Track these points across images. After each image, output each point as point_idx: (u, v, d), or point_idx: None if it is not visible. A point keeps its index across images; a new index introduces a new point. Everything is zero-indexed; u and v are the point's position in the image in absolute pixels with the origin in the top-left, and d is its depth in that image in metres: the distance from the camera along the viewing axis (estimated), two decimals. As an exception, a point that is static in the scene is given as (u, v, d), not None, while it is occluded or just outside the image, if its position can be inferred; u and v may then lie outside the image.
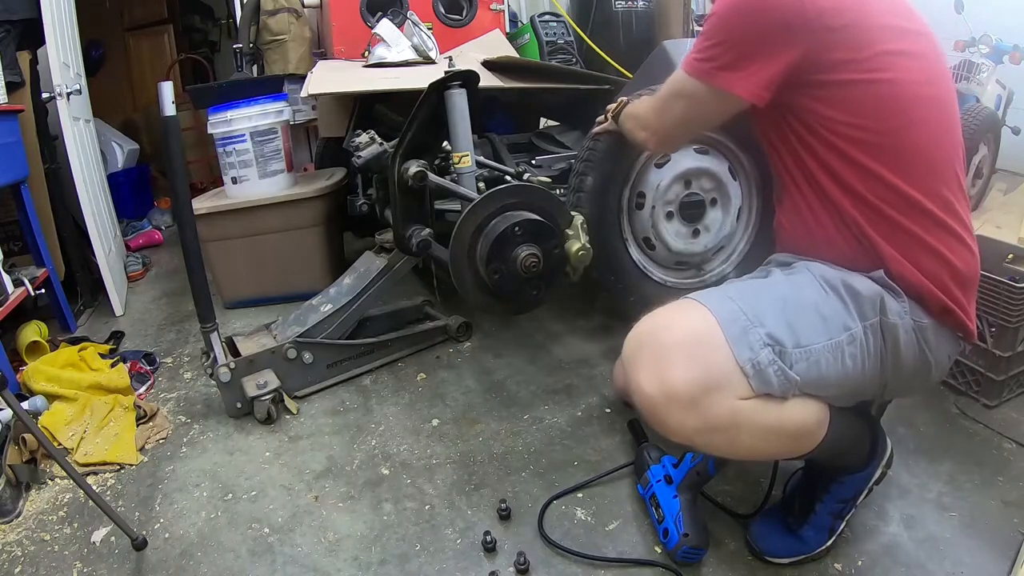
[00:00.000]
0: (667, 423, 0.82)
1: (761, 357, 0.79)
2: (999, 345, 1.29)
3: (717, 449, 0.87)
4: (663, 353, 0.81)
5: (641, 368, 0.82)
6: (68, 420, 1.44)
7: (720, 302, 0.84)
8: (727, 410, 0.79)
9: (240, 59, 3.00)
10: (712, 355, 0.79)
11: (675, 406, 0.79)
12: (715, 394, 0.79)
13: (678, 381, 0.79)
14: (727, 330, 0.80)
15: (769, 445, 0.85)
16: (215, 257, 2.06)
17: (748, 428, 0.81)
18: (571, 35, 3.08)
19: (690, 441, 0.83)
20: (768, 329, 0.80)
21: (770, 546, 0.98)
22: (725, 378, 0.79)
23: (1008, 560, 0.95)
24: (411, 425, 1.41)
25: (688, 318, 0.84)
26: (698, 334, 0.81)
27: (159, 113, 1.34)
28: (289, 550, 1.08)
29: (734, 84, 0.88)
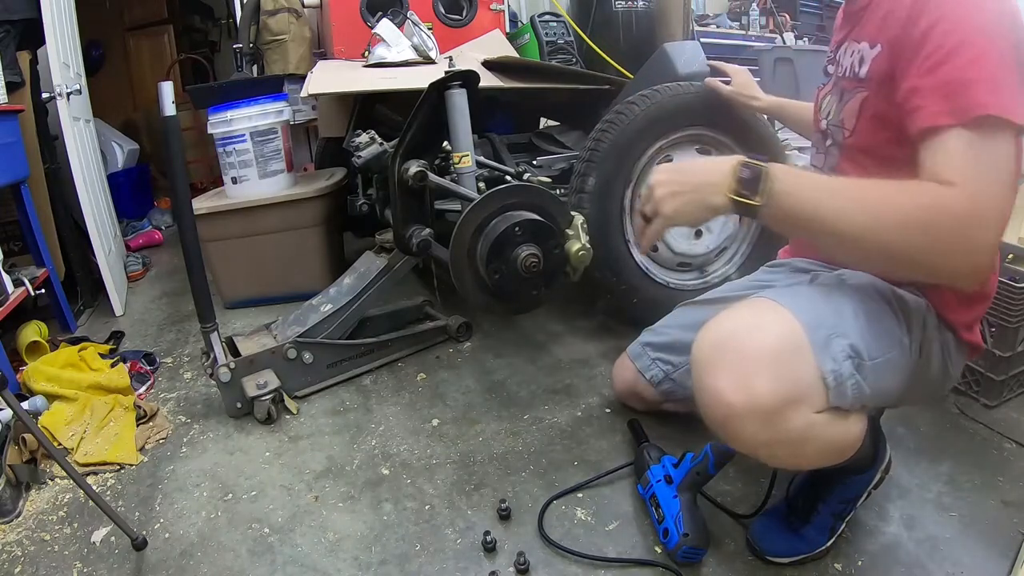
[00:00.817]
0: (739, 434, 0.76)
1: (843, 369, 0.76)
2: (999, 345, 1.29)
3: (778, 461, 0.82)
4: (750, 360, 0.74)
5: (722, 374, 0.75)
6: (68, 420, 1.44)
7: (801, 306, 0.78)
8: (802, 424, 0.75)
9: (240, 59, 3.00)
10: (799, 366, 0.75)
11: (754, 417, 0.74)
12: (795, 407, 0.74)
13: (764, 392, 0.73)
14: (813, 337, 0.75)
15: (824, 458, 0.82)
16: (215, 257, 2.06)
17: (815, 442, 0.77)
18: (571, 35, 3.08)
19: (754, 452, 0.78)
20: (851, 340, 0.77)
21: (771, 546, 0.98)
22: (808, 390, 0.74)
23: (1008, 560, 0.95)
24: (411, 425, 1.41)
25: (775, 322, 0.77)
26: (786, 341, 0.75)
27: (159, 113, 1.34)
28: (289, 550, 1.08)
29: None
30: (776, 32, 3.64)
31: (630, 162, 1.55)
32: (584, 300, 1.98)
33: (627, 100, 1.60)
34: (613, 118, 1.57)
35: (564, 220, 1.33)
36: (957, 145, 0.69)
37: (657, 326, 1.31)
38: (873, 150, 0.89)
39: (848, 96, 0.92)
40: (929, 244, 0.69)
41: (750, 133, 1.66)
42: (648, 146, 1.59)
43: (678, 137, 1.63)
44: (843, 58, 0.96)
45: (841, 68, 0.96)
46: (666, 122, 1.58)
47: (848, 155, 0.95)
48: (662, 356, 1.25)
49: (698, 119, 1.60)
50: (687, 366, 1.20)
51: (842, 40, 0.98)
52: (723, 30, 3.61)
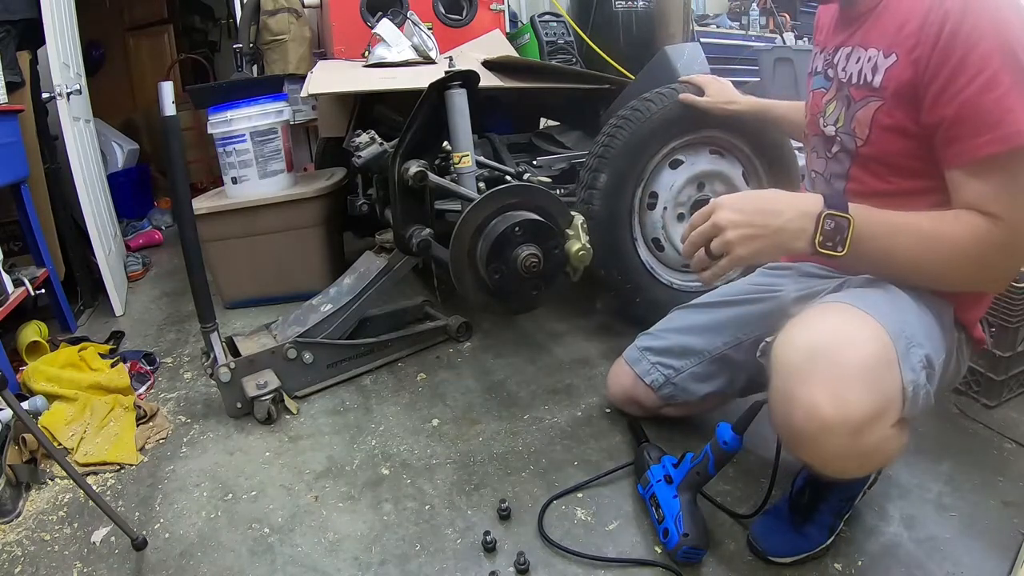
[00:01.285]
0: (824, 447, 0.73)
1: (920, 379, 0.75)
2: (999, 345, 1.29)
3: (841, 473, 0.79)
4: (846, 373, 0.71)
5: (818, 384, 0.72)
6: (68, 420, 1.44)
7: (883, 313, 0.76)
8: (879, 437, 0.73)
9: (240, 59, 3.00)
10: (889, 379, 0.73)
11: (843, 431, 0.71)
12: (879, 421, 0.72)
13: (859, 407, 0.70)
14: (897, 346, 0.74)
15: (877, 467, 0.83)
16: (215, 257, 2.06)
17: (882, 454, 0.76)
18: (571, 35, 3.08)
19: (826, 466, 0.76)
20: (926, 350, 0.77)
21: (773, 545, 0.98)
22: (891, 403, 0.73)
23: (1008, 560, 0.95)
24: (411, 425, 1.41)
25: (866, 332, 0.75)
26: (880, 354, 0.73)
27: (159, 113, 1.34)
28: (289, 550, 1.08)
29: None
30: (776, 32, 3.64)
31: (643, 161, 1.54)
32: (584, 300, 1.98)
33: (643, 97, 1.57)
34: (629, 115, 1.55)
35: (564, 220, 1.33)
36: (1000, 177, 0.74)
37: (654, 330, 1.29)
38: (889, 159, 0.89)
39: (858, 105, 0.91)
40: (977, 271, 0.79)
41: (764, 136, 1.67)
42: (662, 146, 1.58)
43: (692, 139, 1.63)
44: (846, 63, 0.95)
45: (846, 74, 0.95)
46: (681, 123, 1.57)
47: (861, 163, 0.94)
48: (662, 360, 1.23)
49: (712, 121, 1.58)
50: (689, 370, 1.20)
51: (841, 44, 0.97)
52: (723, 30, 3.61)
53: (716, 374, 1.19)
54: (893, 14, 0.85)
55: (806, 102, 1.11)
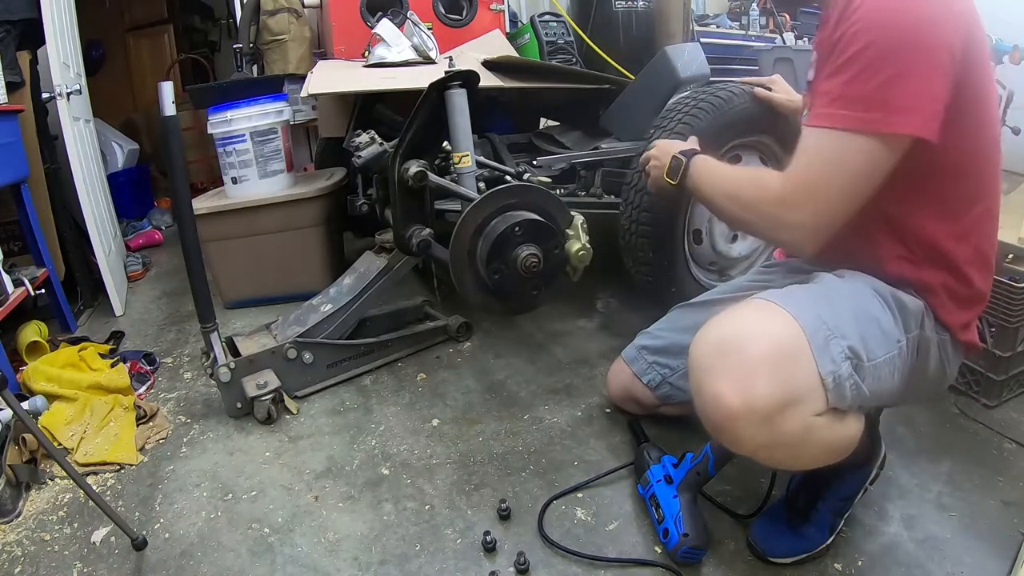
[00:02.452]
0: (738, 436, 0.77)
1: (842, 370, 0.76)
2: (999, 345, 1.29)
3: (776, 463, 0.83)
4: (749, 364, 0.75)
5: (722, 377, 0.76)
6: (68, 420, 1.44)
7: (800, 308, 0.79)
8: (800, 426, 0.76)
9: (240, 59, 3.00)
10: (799, 368, 0.76)
11: (753, 420, 0.75)
12: (793, 409, 0.75)
13: (763, 395, 0.74)
14: (812, 340, 0.76)
15: (822, 458, 0.83)
16: (215, 257, 2.06)
17: (814, 444, 0.78)
18: (571, 35, 3.08)
19: (752, 455, 0.80)
20: (849, 341, 0.78)
21: (773, 547, 0.98)
22: (807, 393, 0.76)
23: (1008, 560, 0.95)
24: (411, 425, 1.41)
25: (775, 326, 0.78)
26: (786, 345, 0.76)
27: (159, 113, 1.34)
28: (289, 550, 1.08)
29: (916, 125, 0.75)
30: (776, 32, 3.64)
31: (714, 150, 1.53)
32: (584, 300, 1.98)
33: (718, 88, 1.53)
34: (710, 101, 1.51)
35: (564, 220, 1.33)
36: (807, 142, 0.83)
37: (652, 329, 1.30)
38: None
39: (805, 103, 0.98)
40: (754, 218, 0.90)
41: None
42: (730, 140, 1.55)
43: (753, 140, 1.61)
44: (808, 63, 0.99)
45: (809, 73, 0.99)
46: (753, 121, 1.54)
47: None
48: (659, 360, 1.24)
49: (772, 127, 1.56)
50: (685, 369, 1.20)
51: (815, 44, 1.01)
52: (723, 30, 3.60)
53: None
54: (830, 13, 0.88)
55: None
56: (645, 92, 1.89)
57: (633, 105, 1.92)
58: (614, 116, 1.99)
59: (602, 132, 2.06)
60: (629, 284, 2.03)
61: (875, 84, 0.75)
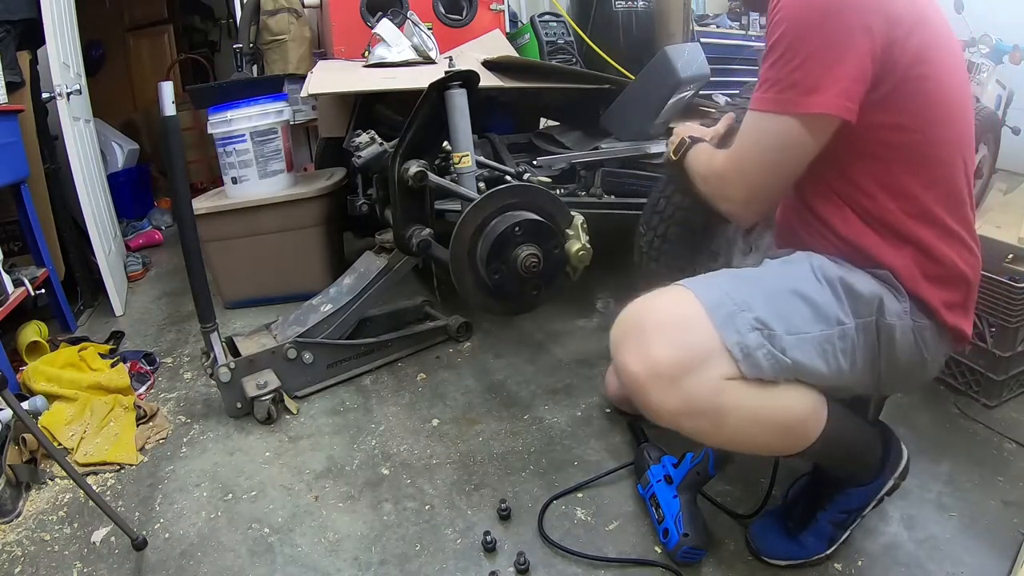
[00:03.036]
0: (651, 402, 0.81)
1: (749, 340, 0.78)
2: (999, 345, 1.29)
3: (704, 434, 0.85)
4: (646, 333, 0.81)
5: (626, 349, 0.83)
6: (68, 420, 1.44)
7: (707, 288, 0.84)
8: (709, 389, 0.78)
9: (240, 59, 3.00)
10: (696, 334, 0.79)
11: (658, 383, 0.79)
12: (698, 372, 0.78)
13: (661, 357, 0.78)
14: (714, 315, 0.80)
15: (758, 433, 0.83)
16: (215, 257, 2.06)
17: (734, 411, 0.80)
18: (571, 35, 3.08)
19: (676, 424, 0.82)
20: (756, 313, 0.80)
21: (767, 547, 0.98)
22: (709, 356, 0.78)
23: (1008, 560, 0.95)
24: (411, 425, 1.41)
25: (673, 301, 0.84)
26: (681, 316, 0.81)
27: (159, 113, 1.34)
28: (289, 550, 1.08)
29: (827, 104, 0.79)
30: (776, 32, 3.63)
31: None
32: (584, 300, 1.98)
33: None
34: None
35: (564, 220, 1.33)
36: (744, 126, 0.90)
37: None
38: None
39: None
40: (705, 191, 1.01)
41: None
42: None
43: None
44: None
45: None
46: None
47: None
48: None
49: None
50: None
51: None
52: (723, 30, 3.60)
53: None
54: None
55: None
56: (645, 92, 1.89)
57: (633, 105, 1.92)
58: (614, 116, 1.99)
59: (602, 132, 2.06)
60: (629, 284, 2.03)
61: (790, 67, 0.80)
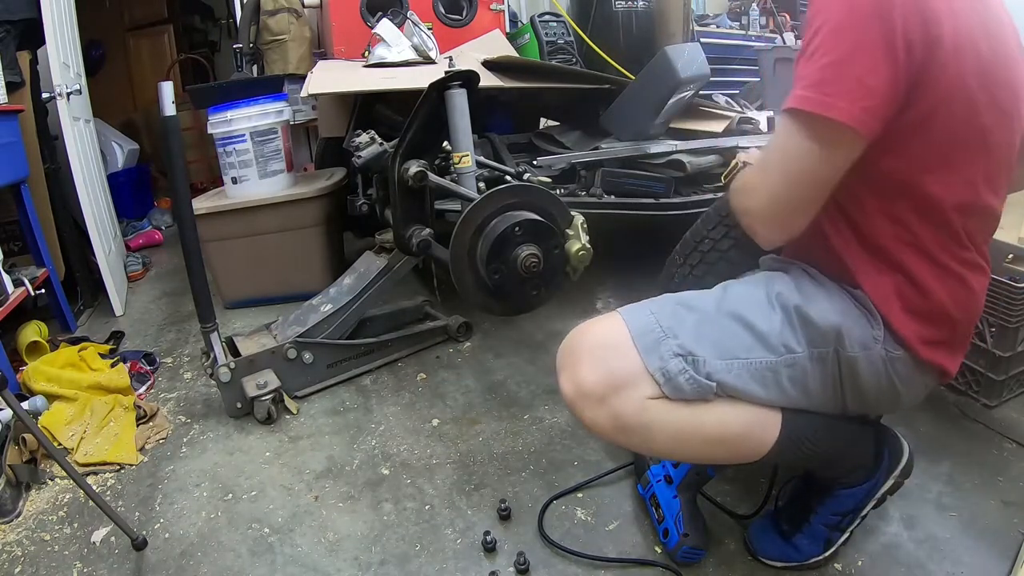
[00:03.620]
0: (584, 420, 0.85)
1: (671, 366, 0.81)
2: (999, 345, 1.29)
3: (637, 448, 0.90)
4: (577, 356, 0.86)
5: (562, 371, 0.87)
6: (68, 420, 1.44)
7: (637, 315, 0.88)
8: (635, 409, 0.82)
9: (240, 59, 3.00)
10: (620, 358, 0.83)
11: (587, 402, 0.83)
12: (622, 392, 0.82)
13: (588, 379, 0.83)
14: (639, 341, 0.84)
15: (693, 447, 0.86)
16: (215, 257, 2.06)
17: (660, 428, 0.83)
18: (571, 35, 3.08)
19: (612, 439, 0.87)
20: (681, 340, 0.83)
21: (764, 548, 0.98)
22: (632, 378, 0.82)
23: (1008, 560, 0.95)
24: (411, 425, 1.41)
25: (602, 327, 0.88)
26: (607, 339, 0.86)
27: (159, 113, 1.34)
28: (289, 550, 1.08)
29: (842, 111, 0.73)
30: (776, 32, 3.64)
31: None
32: (584, 300, 1.98)
33: None
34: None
35: (564, 220, 1.33)
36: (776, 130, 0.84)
37: None
38: None
39: None
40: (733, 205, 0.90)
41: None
42: None
43: None
44: None
45: None
46: None
47: None
48: None
49: None
50: None
51: None
52: (723, 30, 3.61)
53: None
54: None
55: None
56: (645, 92, 1.89)
57: (633, 105, 1.92)
58: (614, 116, 1.99)
59: (602, 132, 2.06)
60: (629, 284, 2.04)
61: (820, 64, 0.74)
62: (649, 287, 1.64)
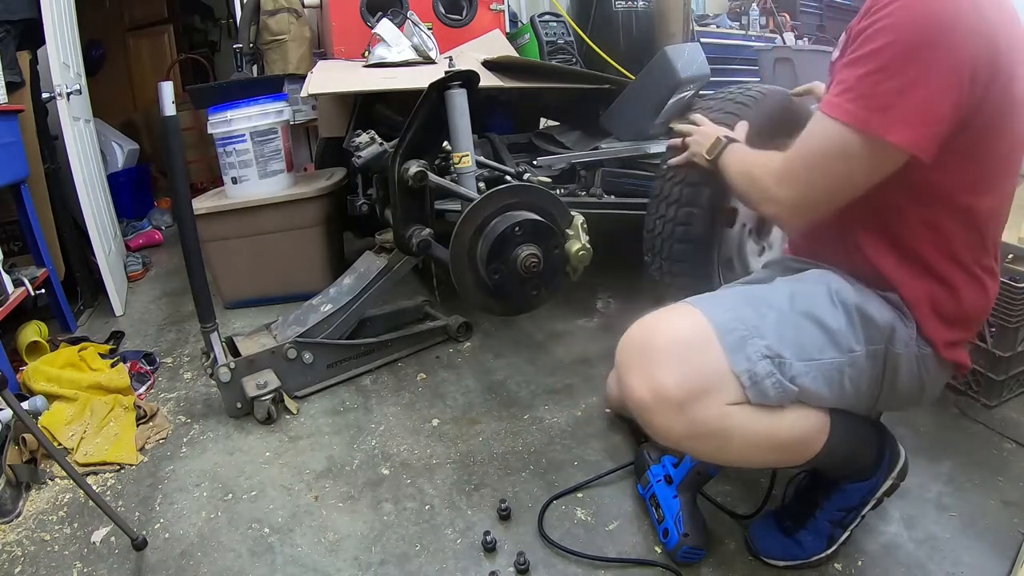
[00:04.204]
0: (656, 426, 0.80)
1: (759, 368, 0.78)
2: (999, 345, 1.29)
3: (706, 455, 0.85)
4: (653, 356, 0.80)
5: (632, 371, 0.81)
6: (68, 420, 1.44)
7: (717, 309, 0.82)
8: (716, 416, 0.78)
9: (240, 59, 3.00)
10: (704, 359, 0.78)
11: (664, 409, 0.78)
12: (705, 399, 0.77)
13: (668, 383, 0.77)
14: (724, 339, 0.79)
15: (761, 454, 0.83)
16: (215, 257, 2.06)
17: (739, 435, 0.79)
18: (571, 35, 3.08)
19: (679, 446, 0.82)
20: (768, 341, 0.79)
21: (766, 547, 0.98)
22: (717, 382, 0.77)
23: (1008, 560, 0.95)
24: (411, 425, 1.41)
25: (682, 322, 0.82)
26: (691, 338, 0.80)
27: (159, 113, 1.34)
28: (289, 550, 1.08)
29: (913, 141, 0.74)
30: (776, 32, 3.64)
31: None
32: (584, 300, 1.98)
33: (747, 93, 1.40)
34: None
35: (564, 220, 1.33)
36: (810, 125, 0.83)
37: None
38: None
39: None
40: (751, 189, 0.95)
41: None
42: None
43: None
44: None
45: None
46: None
47: None
48: None
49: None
50: None
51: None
52: (723, 30, 3.61)
53: None
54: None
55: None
56: (645, 92, 1.89)
57: (633, 105, 1.92)
58: (614, 116, 1.99)
59: (602, 132, 2.06)
60: (629, 284, 2.04)
61: (886, 87, 0.74)
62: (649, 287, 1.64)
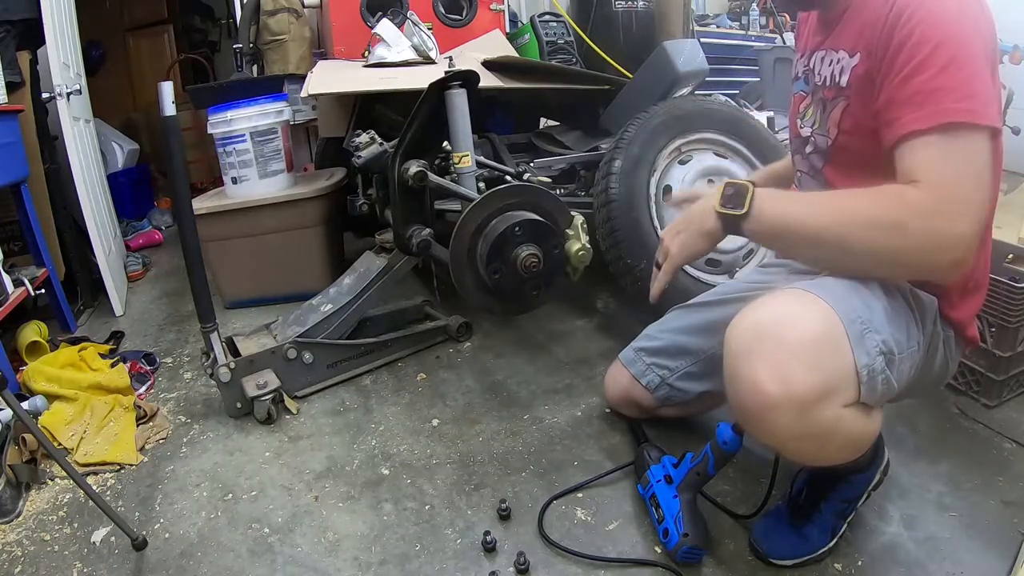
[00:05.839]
0: (773, 425, 0.75)
1: (876, 364, 0.76)
2: (999, 345, 1.29)
3: (798, 455, 0.81)
4: (788, 350, 0.73)
5: (760, 361, 0.74)
6: (68, 420, 1.44)
7: (838, 298, 0.77)
8: (831, 418, 0.74)
9: (240, 59, 3.00)
10: (836, 358, 0.74)
11: (789, 407, 0.73)
12: (829, 399, 0.73)
13: (802, 383, 0.72)
14: (850, 330, 0.74)
15: (843, 454, 0.82)
16: (215, 257, 2.06)
17: (841, 437, 0.77)
18: (571, 35, 3.08)
19: (782, 445, 0.78)
20: (882, 335, 0.77)
21: (773, 547, 0.97)
22: (842, 382, 0.74)
23: (1008, 560, 0.95)
24: (411, 425, 1.41)
25: (814, 313, 0.75)
26: (826, 334, 0.74)
27: (159, 113, 1.34)
28: (289, 550, 1.08)
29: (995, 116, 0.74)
30: (776, 32, 3.64)
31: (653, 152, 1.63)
32: (584, 300, 1.98)
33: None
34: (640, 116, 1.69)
35: (564, 220, 1.33)
36: (926, 150, 0.73)
37: (650, 331, 1.28)
38: (857, 157, 0.90)
39: (831, 105, 0.93)
40: (899, 240, 0.74)
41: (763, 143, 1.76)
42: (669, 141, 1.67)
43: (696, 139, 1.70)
44: (820, 67, 0.96)
45: (820, 77, 0.96)
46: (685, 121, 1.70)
47: (833, 162, 0.96)
48: (657, 361, 1.23)
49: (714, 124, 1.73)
50: (684, 370, 1.20)
51: (816, 47, 0.98)
52: (723, 30, 3.61)
53: (711, 373, 1.18)
54: (859, 15, 0.87)
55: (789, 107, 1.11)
56: (644, 88, 1.89)
57: (632, 103, 1.92)
58: (614, 115, 1.99)
59: (602, 132, 2.06)
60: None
61: (961, 78, 0.72)
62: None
